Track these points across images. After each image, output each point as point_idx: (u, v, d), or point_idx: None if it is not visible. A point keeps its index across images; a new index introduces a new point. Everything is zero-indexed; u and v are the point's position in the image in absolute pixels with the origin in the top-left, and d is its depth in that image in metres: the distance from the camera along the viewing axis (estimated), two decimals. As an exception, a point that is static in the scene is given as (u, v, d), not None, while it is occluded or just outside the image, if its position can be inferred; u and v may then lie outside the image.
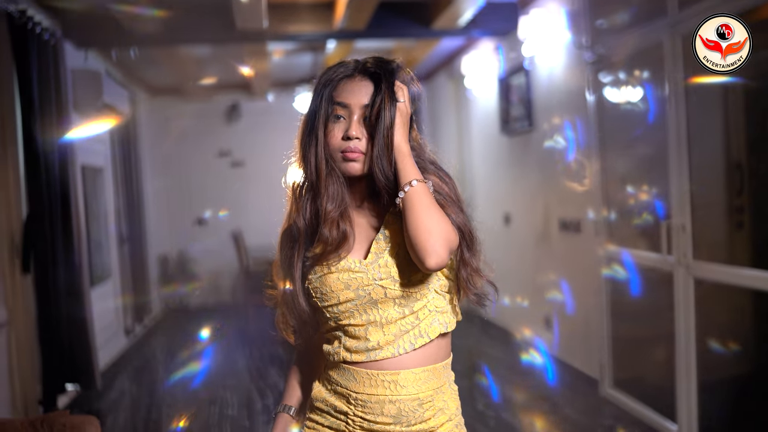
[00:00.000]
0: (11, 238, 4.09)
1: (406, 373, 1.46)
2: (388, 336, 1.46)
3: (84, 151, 5.59)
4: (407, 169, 1.44)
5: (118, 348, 6.37)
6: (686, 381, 3.60)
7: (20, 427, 2.09)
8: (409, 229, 1.39)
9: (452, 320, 1.54)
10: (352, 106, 1.48)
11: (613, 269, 4.34)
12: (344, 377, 1.50)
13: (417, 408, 1.47)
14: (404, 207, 1.41)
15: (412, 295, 1.47)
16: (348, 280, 1.46)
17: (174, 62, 6.63)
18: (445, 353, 1.55)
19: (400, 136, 1.46)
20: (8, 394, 4.02)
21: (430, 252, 1.36)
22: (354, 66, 1.52)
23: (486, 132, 6.81)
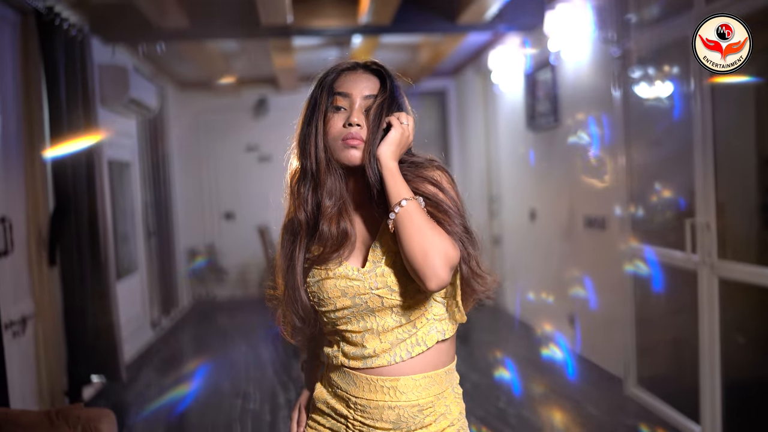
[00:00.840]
0: (38, 231, 4.16)
1: (406, 380, 1.45)
2: (384, 344, 1.45)
3: (111, 146, 5.66)
4: (396, 187, 1.40)
5: (144, 340, 6.45)
6: (710, 381, 3.54)
7: (36, 419, 2.12)
8: (404, 252, 1.36)
9: (450, 327, 1.52)
10: (354, 95, 1.48)
11: (636, 266, 4.28)
12: (344, 381, 1.49)
13: (417, 414, 1.46)
14: (396, 229, 1.38)
15: (409, 305, 1.45)
16: (345, 288, 1.44)
17: (201, 57, 6.68)
18: (446, 359, 1.52)
19: (389, 153, 1.43)
20: (35, 385, 4.09)
21: (429, 276, 1.33)
22: (355, 63, 1.54)
23: (512, 127, 6.76)
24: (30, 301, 4.06)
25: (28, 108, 4.13)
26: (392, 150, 1.44)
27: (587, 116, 4.97)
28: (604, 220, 4.83)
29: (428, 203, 1.43)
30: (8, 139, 3.90)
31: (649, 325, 4.36)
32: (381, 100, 1.47)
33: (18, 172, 4.03)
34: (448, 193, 1.46)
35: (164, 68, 7.45)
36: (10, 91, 3.96)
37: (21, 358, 3.89)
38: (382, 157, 1.42)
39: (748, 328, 3.67)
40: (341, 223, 1.46)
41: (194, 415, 4.68)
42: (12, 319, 3.77)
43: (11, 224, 3.79)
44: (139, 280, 6.50)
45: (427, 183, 1.46)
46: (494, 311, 7.56)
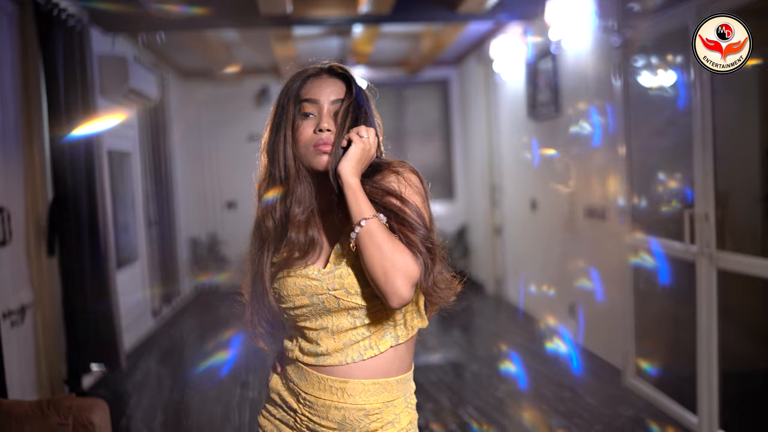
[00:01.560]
0: (37, 221, 4.16)
1: (355, 383, 1.45)
2: (337, 344, 1.46)
3: (111, 136, 5.66)
4: (358, 206, 1.40)
5: (145, 329, 6.47)
6: (707, 372, 3.54)
7: (28, 409, 2.13)
8: (367, 270, 1.38)
9: (405, 333, 1.51)
10: (321, 101, 1.48)
11: (640, 257, 4.27)
12: (298, 375, 1.51)
13: (363, 418, 1.46)
14: (358, 247, 1.39)
15: (364, 308, 1.45)
16: (304, 287, 1.46)
17: (202, 47, 6.66)
18: (399, 367, 1.51)
19: (349, 170, 1.42)
20: (35, 374, 4.11)
21: (389, 295, 1.35)
22: (320, 68, 1.54)
23: (514, 117, 6.74)
24: (29, 291, 4.07)
25: (27, 99, 4.13)
26: (353, 166, 1.43)
27: (588, 106, 4.94)
28: (604, 210, 4.81)
29: (391, 217, 1.43)
30: (7, 130, 3.90)
31: (649, 316, 4.35)
32: (347, 104, 1.48)
33: (17, 163, 4.03)
34: (410, 204, 1.44)
35: (166, 57, 7.44)
36: (8, 82, 3.96)
37: (20, 348, 3.90)
38: (342, 175, 1.42)
39: (747, 320, 3.66)
40: (309, 232, 1.47)
41: (193, 403, 4.70)
42: (11, 308, 3.78)
43: (9, 214, 3.80)
44: (140, 269, 6.51)
45: (389, 196, 1.45)
46: (495, 300, 7.57)
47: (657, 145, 4.27)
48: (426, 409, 4.25)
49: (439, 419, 4.10)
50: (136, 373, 5.36)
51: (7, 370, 3.37)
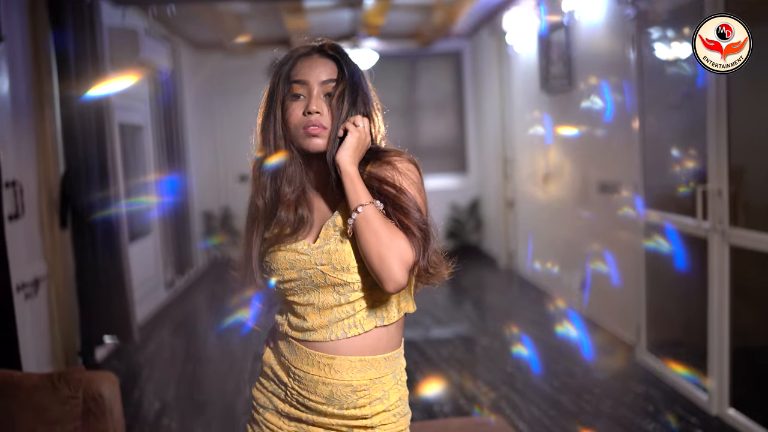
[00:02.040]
0: (49, 194, 4.19)
1: (342, 359, 1.47)
2: (322, 320, 1.48)
3: (123, 109, 5.66)
4: (355, 193, 1.43)
5: (158, 301, 6.52)
6: (718, 348, 3.52)
7: (38, 381, 2.15)
8: (364, 256, 1.41)
9: (391, 314, 1.52)
10: (311, 82, 1.48)
11: (654, 239, 4.24)
12: (288, 350, 1.53)
13: (350, 394, 1.48)
14: (355, 234, 1.42)
15: (350, 285, 1.47)
16: (293, 261, 1.48)
17: (213, 18, 6.63)
18: (387, 345, 1.53)
19: (347, 159, 1.45)
20: (49, 346, 4.16)
21: (385, 279, 1.39)
22: (311, 47, 1.54)
23: (527, 90, 6.68)
24: (42, 263, 4.10)
25: (38, 73, 4.13)
26: (350, 155, 1.45)
27: (601, 79, 4.89)
28: (617, 185, 4.77)
29: (387, 203, 1.45)
30: (18, 104, 3.90)
31: (661, 292, 4.34)
32: (341, 88, 1.48)
33: (29, 136, 4.04)
34: (406, 191, 1.46)
35: (177, 29, 7.41)
36: (19, 56, 3.95)
37: (34, 320, 3.95)
38: (341, 164, 1.44)
39: (760, 296, 3.64)
40: (299, 210, 1.50)
41: (205, 377, 4.75)
42: (24, 281, 3.82)
43: (22, 187, 3.81)
44: (152, 242, 6.55)
45: (384, 184, 1.46)
46: (507, 273, 7.56)
47: (671, 120, 4.22)
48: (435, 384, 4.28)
49: (449, 394, 4.12)
50: (149, 345, 5.42)
51: (21, 342, 3.40)
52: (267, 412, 1.57)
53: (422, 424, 2.80)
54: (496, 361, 4.75)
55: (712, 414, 3.56)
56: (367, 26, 7.50)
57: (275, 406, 1.56)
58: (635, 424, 3.55)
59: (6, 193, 3.54)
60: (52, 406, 2.14)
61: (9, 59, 3.73)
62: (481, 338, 5.42)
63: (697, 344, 3.77)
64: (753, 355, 3.66)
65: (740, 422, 3.36)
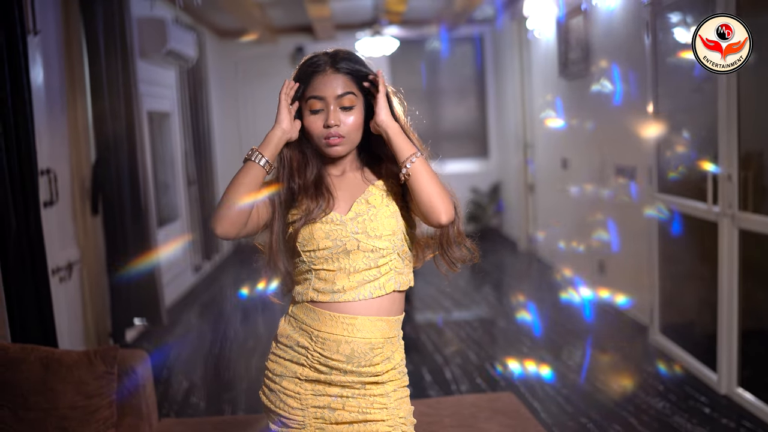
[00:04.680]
0: (81, 182, 4.36)
1: (363, 319, 1.67)
2: (352, 282, 1.67)
3: (151, 96, 5.82)
4: (403, 145, 1.65)
5: (186, 284, 6.72)
6: (727, 331, 3.61)
7: (77, 358, 2.31)
8: (421, 197, 1.63)
9: (407, 282, 1.75)
10: (328, 97, 1.68)
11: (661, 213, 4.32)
12: (309, 317, 1.70)
13: (368, 351, 1.67)
14: (412, 180, 1.63)
15: (379, 251, 1.68)
16: (329, 231, 1.67)
17: (237, 7, 6.75)
18: (398, 309, 1.75)
19: (387, 117, 1.67)
20: (82, 327, 4.35)
21: (442, 211, 1.63)
22: (324, 61, 1.71)
23: (546, 75, 6.73)
24: (75, 248, 4.29)
25: (70, 64, 4.30)
26: (386, 112, 1.67)
27: (618, 64, 4.94)
28: (634, 169, 4.85)
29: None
30: (52, 95, 4.06)
31: (673, 275, 4.42)
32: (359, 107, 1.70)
33: (61, 126, 4.21)
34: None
35: (203, 17, 7.56)
36: (52, 47, 4.11)
37: (68, 302, 4.13)
38: (384, 124, 1.67)
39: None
40: (320, 188, 1.71)
41: (231, 357, 4.93)
42: (59, 265, 3.99)
43: (56, 175, 3.98)
44: (180, 227, 6.73)
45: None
46: (528, 257, 7.66)
47: (686, 104, 4.28)
48: (453, 363, 4.41)
49: (466, 373, 4.25)
50: (177, 327, 5.61)
51: (57, 322, 3.58)
52: (284, 380, 1.72)
53: (437, 400, 2.93)
54: (512, 341, 4.87)
55: (721, 393, 3.66)
56: (388, 13, 7.59)
57: (293, 372, 1.71)
58: (645, 402, 3.66)
59: (41, 180, 3.70)
60: (89, 380, 2.30)
61: (43, 51, 3.89)
62: (500, 320, 5.54)
63: (708, 326, 3.86)
64: (762, 336, 3.74)
65: (749, 401, 3.45)
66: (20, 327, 3.07)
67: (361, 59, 1.74)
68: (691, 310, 4.41)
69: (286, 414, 1.71)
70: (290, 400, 1.71)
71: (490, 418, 2.54)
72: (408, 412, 1.75)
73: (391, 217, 1.69)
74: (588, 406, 3.67)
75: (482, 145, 9.33)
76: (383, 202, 1.70)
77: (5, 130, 3.03)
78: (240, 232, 1.68)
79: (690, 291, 4.38)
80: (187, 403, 4.04)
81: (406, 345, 1.83)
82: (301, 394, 1.70)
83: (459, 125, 9.30)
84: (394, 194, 1.73)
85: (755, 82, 3.51)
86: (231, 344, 5.19)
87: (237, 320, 5.87)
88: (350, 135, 1.69)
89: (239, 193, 1.66)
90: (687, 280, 4.40)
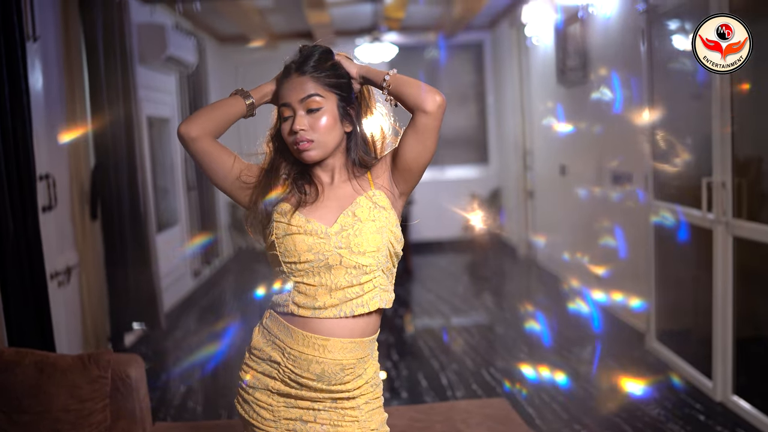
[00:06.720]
0: (80, 187, 4.39)
1: (335, 341, 1.64)
2: (333, 299, 1.63)
3: (151, 102, 5.85)
4: (377, 73, 1.70)
5: (185, 289, 6.73)
6: (722, 338, 3.62)
7: (71, 362, 2.33)
8: (407, 95, 1.64)
9: (390, 300, 1.70)
10: (293, 103, 1.67)
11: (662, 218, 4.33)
12: (283, 333, 1.68)
13: (339, 372, 1.65)
14: (395, 86, 1.66)
15: (362, 268, 1.64)
16: (312, 244, 1.63)
17: (237, 13, 6.78)
18: (373, 329, 1.72)
19: (356, 69, 1.72)
20: (80, 332, 4.37)
21: (427, 97, 1.62)
22: (292, 65, 1.71)
23: (545, 82, 6.76)
24: (74, 253, 4.31)
25: (69, 70, 4.32)
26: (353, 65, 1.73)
27: (615, 72, 4.96)
28: (630, 175, 4.86)
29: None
30: (51, 100, 4.09)
31: (670, 280, 4.43)
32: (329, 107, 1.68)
33: (60, 131, 4.24)
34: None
35: (203, 23, 7.59)
36: (52, 54, 4.14)
37: (67, 306, 4.15)
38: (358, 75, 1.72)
39: (764, 286, 3.72)
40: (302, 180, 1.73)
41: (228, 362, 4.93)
42: (57, 269, 4.01)
43: (55, 180, 4.00)
44: (180, 232, 6.75)
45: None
46: (527, 263, 7.67)
47: (682, 111, 4.30)
48: (450, 369, 4.42)
49: (462, 379, 4.26)
50: (176, 332, 5.63)
51: (55, 327, 3.59)
52: (257, 392, 1.72)
53: (431, 406, 2.94)
54: (510, 349, 4.88)
55: (716, 401, 3.66)
56: (387, 19, 7.62)
57: (266, 384, 1.70)
58: (640, 410, 3.67)
59: (40, 185, 3.72)
60: (83, 384, 2.32)
61: (42, 57, 3.92)
62: (498, 326, 5.55)
63: (704, 333, 3.86)
64: (757, 344, 3.74)
65: (744, 409, 3.46)
66: (17, 331, 3.09)
67: (328, 52, 1.72)
68: (688, 318, 4.42)
69: (259, 425, 1.71)
70: (263, 411, 1.70)
71: (480, 424, 2.55)
72: (380, 423, 1.74)
73: (377, 232, 1.64)
74: (583, 414, 3.67)
75: (482, 152, 9.35)
76: (370, 215, 1.65)
77: (3, 135, 3.06)
78: (203, 144, 1.70)
79: (686, 298, 4.39)
80: (185, 407, 4.05)
81: (403, 350, 1.85)
82: (274, 406, 1.70)
83: (459, 132, 9.32)
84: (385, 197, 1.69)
85: (752, 87, 3.52)
86: (229, 349, 5.20)
87: (235, 325, 5.88)
88: (321, 138, 1.65)
89: (215, 112, 1.74)
90: (683, 288, 4.41)
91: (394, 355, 4.67)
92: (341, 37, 8.51)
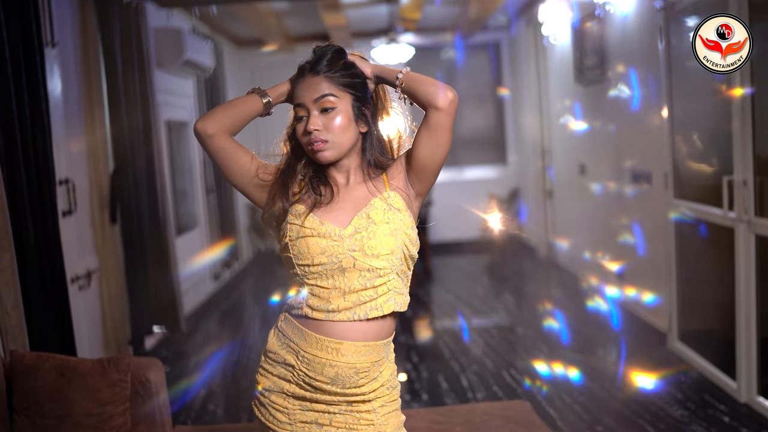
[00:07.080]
0: (100, 191, 4.42)
1: (348, 345, 1.63)
2: (347, 302, 1.62)
3: (169, 106, 5.89)
4: (388, 70, 1.70)
5: (205, 292, 6.76)
6: (746, 338, 3.57)
7: (91, 366, 2.35)
8: (419, 93, 1.64)
9: (405, 303, 1.69)
10: (307, 103, 1.65)
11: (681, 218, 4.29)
12: (297, 336, 1.67)
13: (353, 375, 1.64)
14: (408, 84, 1.65)
15: (375, 271, 1.62)
16: (325, 246, 1.62)
17: (254, 17, 6.81)
18: (388, 332, 1.70)
19: (370, 69, 1.71)
20: (101, 335, 4.40)
21: (439, 93, 1.61)
22: (306, 65, 1.69)
23: (562, 81, 6.72)
24: (94, 257, 4.34)
25: (87, 75, 4.35)
26: (368, 66, 1.72)
27: (633, 69, 4.92)
28: (650, 175, 4.82)
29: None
30: (70, 105, 4.13)
31: (692, 280, 4.38)
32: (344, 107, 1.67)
33: (79, 136, 4.27)
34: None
35: (219, 27, 7.62)
36: (70, 59, 4.18)
37: (88, 310, 4.18)
38: (372, 74, 1.71)
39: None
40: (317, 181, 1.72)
41: (249, 365, 4.95)
42: (78, 273, 4.05)
43: (74, 185, 4.03)
44: (199, 235, 6.78)
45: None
46: (547, 263, 7.62)
47: (702, 109, 4.25)
48: (470, 371, 4.40)
49: (482, 381, 4.24)
50: (196, 335, 5.65)
51: (75, 331, 3.62)
52: (273, 395, 1.71)
53: (451, 408, 2.93)
54: (530, 349, 4.85)
55: (741, 402, 3.62)
56: (404, 21, 7.61)
57: (281, 387, 1.70)
58: (663, 410, 3.62)
59: (59, 190, 3.75)
60: (103, 388, 2.33)
61: (61, 63, 3.95)
62: (518, 327, 5.52)
63: (727, 333, 3.82)
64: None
65: (768, 409, 3.42)
66: (39, 335, 3.11)
67: (341, 51, 1.70)
68: (710, 317, 4.37)
69: (275, 428, 1.71)
70: (279, 414, 1.70)
71: (501, 426, 2.54)
72: (396, 426, 1.72)
73: (391, 235, 1.62)
74: (605, 415, 3.64)
75: (500, 152, 9.31)
76: (384, 217, 1.63)
77: (23, 141, 3.09)
78: (220, 140, 1.69)
79: (708, 298, 4.34)
80: (205, 410, 4.07)
81: (423, 352, 1.84)
82: (289, 409, 1.70)
83: (477, 132, 9.29)
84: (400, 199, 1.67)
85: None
86: (249, 352, 5.21)
87: (255, 328, 5.90)
88: (335, 138, 1.64)
89: (232, 110, 1.73)
90: (705, 287, 4.36)
91: (415, 357, 4.67)
92: (357, 38, 8.52)
